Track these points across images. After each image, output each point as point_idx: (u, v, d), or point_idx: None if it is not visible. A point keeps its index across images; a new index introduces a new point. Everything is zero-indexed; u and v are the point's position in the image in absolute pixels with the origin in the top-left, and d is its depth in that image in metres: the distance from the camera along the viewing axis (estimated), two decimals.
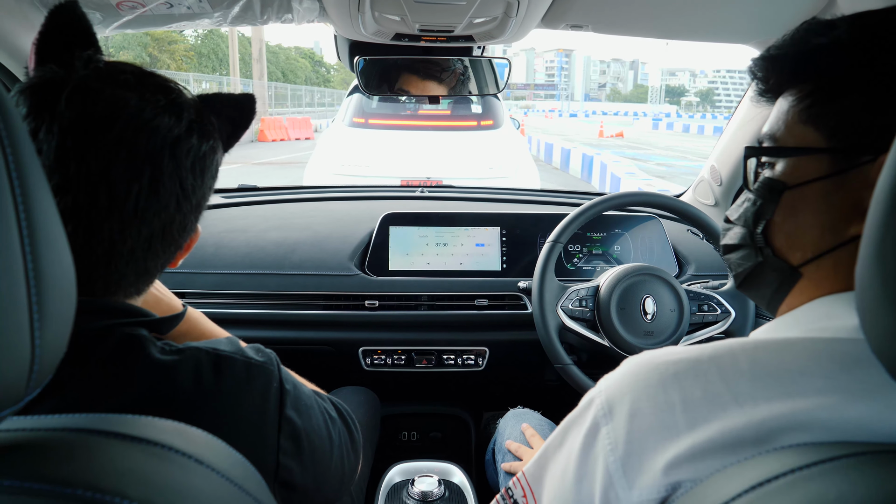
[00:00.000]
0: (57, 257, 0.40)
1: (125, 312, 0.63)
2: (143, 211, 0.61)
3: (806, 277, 0.59)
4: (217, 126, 0.69)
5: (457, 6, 1.00)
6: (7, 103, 0.37)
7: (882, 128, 0.52)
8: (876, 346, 0.41)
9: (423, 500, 1.33)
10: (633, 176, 9.98)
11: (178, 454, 0.45)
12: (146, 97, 0.61)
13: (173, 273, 1.57)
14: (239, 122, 0.74)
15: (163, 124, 0.61)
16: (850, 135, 0.54)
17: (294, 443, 0.68)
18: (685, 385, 0.51)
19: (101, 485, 0.39)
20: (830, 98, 0.56)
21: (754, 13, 1.13)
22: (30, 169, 0.37)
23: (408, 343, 1.63)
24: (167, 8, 1.09)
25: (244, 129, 0.75)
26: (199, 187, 0.67)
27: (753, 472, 0.44)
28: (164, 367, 0.60)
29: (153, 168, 0.61)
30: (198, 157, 0.65)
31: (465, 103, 5.99)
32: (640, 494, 0.50)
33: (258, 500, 0.49)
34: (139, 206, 0.60)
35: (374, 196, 2.05)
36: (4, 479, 0.37)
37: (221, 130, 0.71)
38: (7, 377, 0.36)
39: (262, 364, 0.68)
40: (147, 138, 0.60)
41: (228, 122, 0.72)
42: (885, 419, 0.47)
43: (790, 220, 0.59)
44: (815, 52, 0.57)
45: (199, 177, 0.66)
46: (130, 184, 0.59)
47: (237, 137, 0.74)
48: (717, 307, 1.41)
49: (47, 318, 0.38)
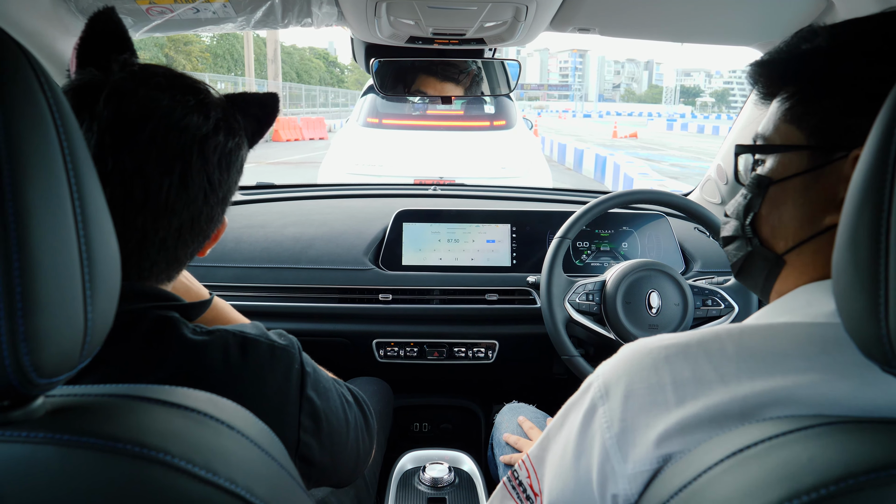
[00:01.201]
0: (105, 240, 0.44)
1: (159, 297, 0.68)
2: (174, 203, 0.65)
3: (790, 265, 0.64)
4: (242, 124, 0.74)
5: (468, 11, 1.05)
6: (63, 104, 0.42)
7: (855, 127, 0.57)
8: (849, 327, 0.44)
9: (434, 486, 1.38)
10: (645, 176, 9.95)
11: (212, 420, 0.49)
12: (177, 98, 0.66)
13: (195, 266, 1.63)
14: (263, 119, 0.78)
15: (192, 123, 0.66)
16: (827, 134, 0.59)
17: (313, 421, 0.73)
18: (675, 367, 0.56)
19: (146, 441, 0.43)
20: (811, 100, 0.61)
21: (755, 17, 1.17)
22: (83, 161, 0.42)
23: (420, 336, 1.67)
24: (194, 13, 1.15)
25: (268, 126, 0.79)
26: (225, 181, 0.71)
27: (735, 440, 0.48)
28: (195, 347, 0.65)
29: (183, 164, 0.65)
30: (224, 153, 0.70)
31: (478, 104, 6.00)
32: (635, 466, 0.55)
33: (283, 467, 0.54)
34: (170, 200, 0.65)
35: (388, 194, 2.09)
36: (62, 434, 0.41)
37: (246, 128, 0.75)
38: (64, 345, 0.41)
39: (285, 347, 0.73)
40: (177, 136, 0.64)
41: (253, 120, 0.76)
42: (860, 396, 0.51)
43: (774, 212, 0.64)
44: (800, 57, 0.62)
45: (226, 171, 0.71)
46: (162, 178, 0.64)
47: (262, 134, 0.78)
48: (720, 302, 1.45)
49: (97, 295, 0.43)
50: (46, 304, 0.39)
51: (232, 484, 0.45)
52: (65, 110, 0.41)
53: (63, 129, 0.41)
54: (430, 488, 1.37)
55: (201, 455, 0.45)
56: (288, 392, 0.71)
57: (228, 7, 1.15)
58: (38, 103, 0.40)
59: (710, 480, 0.47)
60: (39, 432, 0.41)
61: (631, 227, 1.79)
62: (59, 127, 0.41)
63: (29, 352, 0.39)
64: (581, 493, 0.60)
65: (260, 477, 0.49)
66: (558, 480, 0.63)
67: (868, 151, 0.42)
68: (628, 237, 1.79)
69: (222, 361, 0.66)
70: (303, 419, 0.71)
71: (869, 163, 0.41)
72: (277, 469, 0.53)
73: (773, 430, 0.47)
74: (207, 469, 0.44)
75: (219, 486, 0.44)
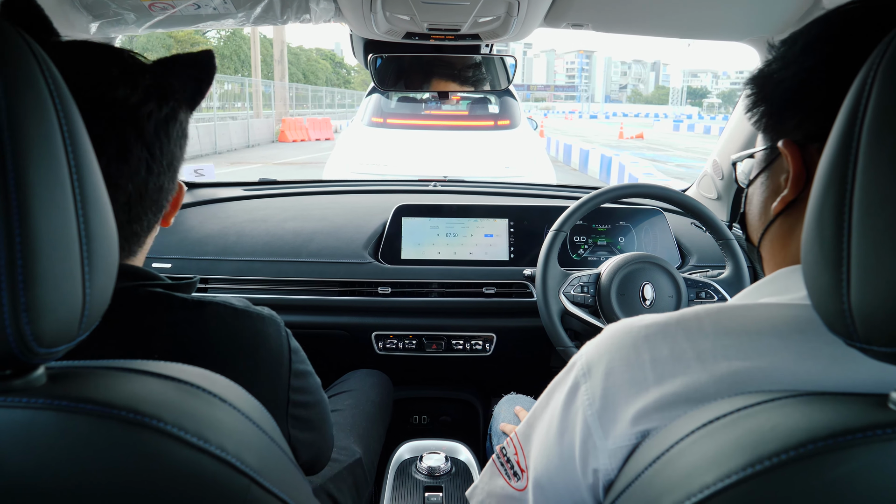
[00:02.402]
0: (103, 218, 0.46)
1: (145, 276, 0.70)
2: (116, 178, 0.65)
3: (763, 252, 0.69)
4: (178, 87, 0.71)
5: (461, 6, 1.07)
6: (63, 90, 0.44)
7: (785, 130, 0.63)
8: (815, 303, 0.46)
9: (431, 475, 1.40)
10: (650, 177, 9.94)
11: (205, 392, 0.51)
12: (101, 71, 0.65)
13: (199, 259, 1.67)
14: (202, 78, 0.75)
15: (118, 95, 0.64)
16: (775, 136, 0.65)
17: (302, 381, 0.78)
18: (654, 345, 0.58)
19: (140, 408, 0.45)
20: (769, 109, 0.65)
21: (747, 11, 1.18)
22: (81, 144, 0.45)
23: (418, 328, 1.70)
24: (195, 9, 1.18)
25: (208, 85, 0.76)
26: (167, 148, 0.70)
27: (706, 413, 0.50)
28: (192, 312, 0.68)
29: (117, 138, 0.64)
30: (160, 120, 0.68)
31: (482, 103, 6.03)
32: (615, 442, 0.57)
33: (273, 440, 0.56)
34: (110, 175, 0.64)
35: (388, 189, 2.12)
36: (59, 401, 0.43)
37: (183, 90, 0.73)
38: (63, 317, 0.43)
39: (271, 316, 0.77)
40: (106, 110, 0.63)
41: (191, 81, 0.74)
42: (830, 374, 0.52)
43: (748, 209, 0.72)
44: (762, 67, 0.66)
45: (165, 138, 0.69)
46: (98, 157, 0.63)
47: (202, 94, 0.76)
48: (714, 294, 1.46)
49: (95, 270, 0.45)
50: (47, 278, 0.41)
51: (222, 451, 0.47)
52: (65, 95, 0.44)
53: (63, 113, 0.43)
54: (426, 477, 1.40)
55: (193, 423, 0.47)
56: (280, 355, 0.75)
57: (229, 3, 1.17)
58: (40, 89, 0.42)
59: (680, 451, 0.49)
60: (39, 398, 0.43)
61: (628, 222, 1.81)
62: (60, 111, 0.43)
63: (30, 322, 0.40)
64: (564, 468, 0.62)
65: (250, 447, 0.51)
66: (543, 457, 0.65)
67: (833, 137, 0.44)
68: (625, 232, 1.80)
69: (217, 328, 0.69)
70: (292, 381, 0.76)
71: (834, 147, 0.43)
72: (268, 441, 0.55)
73: (741, 402, 0.49)
74: (199, 437, 0.46)
75: (209, 452, 0.46)
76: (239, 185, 2.20)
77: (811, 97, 0.59)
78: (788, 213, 0.63)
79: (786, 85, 0.61)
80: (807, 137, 0.60)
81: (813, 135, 0.59)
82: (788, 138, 0.61)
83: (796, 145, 0.61)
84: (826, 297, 0.44)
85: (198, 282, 0.80)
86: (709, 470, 0.44)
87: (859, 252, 0.41)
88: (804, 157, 0.61)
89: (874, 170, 0.40)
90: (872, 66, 0.41)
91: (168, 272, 1.64)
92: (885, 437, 0.41)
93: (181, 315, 0.68)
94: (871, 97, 0.41)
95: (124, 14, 0.73)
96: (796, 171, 0.61)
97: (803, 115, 0.60)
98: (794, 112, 0.61)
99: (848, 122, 0.42)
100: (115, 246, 0.49)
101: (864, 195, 0.40)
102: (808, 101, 0.59)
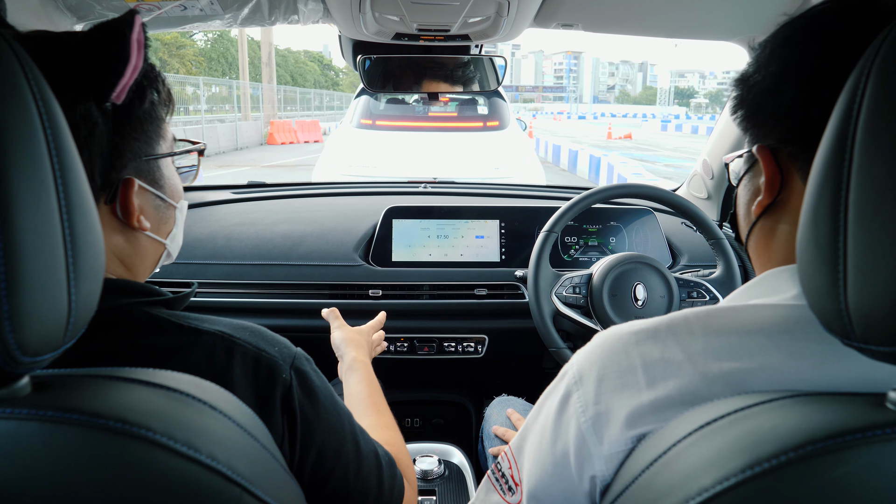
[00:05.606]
0: (89, 225, 0.45)
1: (142, 292, 0.67)
2: None
3: (749, 251, 0.70)
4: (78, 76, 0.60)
5: (450, 6, 1.06)
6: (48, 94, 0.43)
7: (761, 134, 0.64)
8: (811, 302, 0.46)
9: (424, 478, 1.39)
10: (639, 177, 10.01)
11: (195, 400, 0.50)
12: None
13: (186, 263, 1.65)
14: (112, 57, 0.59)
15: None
16: (753, 140, 0.65)
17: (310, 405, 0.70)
18: (645, 349, 0.58)
19: (128, 418, 0.44)
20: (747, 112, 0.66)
21: (735, 11, 1.19)
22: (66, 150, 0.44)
23: (410, 331, 1.69)
24: (181, 10, 1.16)
25: (123, 67, 0.60)
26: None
27: (703, 415, 0.50)
28: (180, 348, 0.64)
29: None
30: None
31: (471, 105, 6.03)
32: (610, 447, 0.56)
33: (265, 448, 0.54)
34: None
35: (378, 191, 2.11)
36: (45, 410, 0.42)
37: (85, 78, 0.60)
38: (48, 325, 0.42)
39: (273, 357, 0.68)
40: None
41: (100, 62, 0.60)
42: (820, 373, 0.52)
43: (737, 208, 0.72)
44: (742, 71, 0.67)
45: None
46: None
47: (120, 74, 0.60)
48: (705, 293, 1.46)
49: (81, 277, 0.44)
50: (31, 284, 0.40)
51: (213, 460, 0.46)
52: (49, 100, 0.43)
53: (47, 118, 0.42)
54: (420, 481, 1.39)
55: (182, 432, 0.46)
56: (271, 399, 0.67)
57: (216, 4, 1.16)
58: (23, 92, 0.41)
59: (678, 453, 0.49)
60: (24, 409, 0.42)
61: (619, 222, 1.81)
62: (43, 115, 0.42)
63: (13, 330, 0.39)
64: (560, 476, 0.61)
65: (242, 455, 0.50)
66: (536, 467, 0.64)
67: (828, 136, 0.44)
68: (616, 232, 1.80)
69: (205, 363, 0.64)
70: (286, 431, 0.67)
71: (828, 146, 0.43)
72: (260, 449, 0.54)
73: (739, 403, 0.49)
74: (188, 445, 0.45)
75: (199, 462, 0.45)
76: (227, 188, 2.18)
77: (778, 102, 0.59)
78: (768, 215, 0.64)
79: (757, 89, 0.62)
80: (779, 141, 0.61)
81: (785, 139, 0.60)
82: (762, 143, 0.62)
83: (769, 150, 0.61)
84: (822, 297, 0.44)
85: (194, 289, 0.77)
86: (707, 472, 0.44)
87: (855, 251, 0.41)
88: (778, 162, 0.61)
89: (869, 168, 0.40)
90: (866, 64, 0.41)
91: (155, 276, 1.63)
92: (884, 438, 0.41)
93: (173, 344, 0.64)
94: (866, 95, 0.40)
95: (109, 16, 0.72)
96: (769, 175, 0.61)
97: (774, 119, 0.61)
98: (765, 116, 0.62)
99: (842, 121, 0.42)
100: (101, 252, 0.48)
101: (860, 194, 0.40)
102: (776, 107, 0.60)
